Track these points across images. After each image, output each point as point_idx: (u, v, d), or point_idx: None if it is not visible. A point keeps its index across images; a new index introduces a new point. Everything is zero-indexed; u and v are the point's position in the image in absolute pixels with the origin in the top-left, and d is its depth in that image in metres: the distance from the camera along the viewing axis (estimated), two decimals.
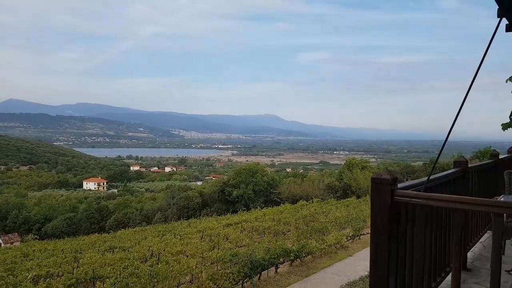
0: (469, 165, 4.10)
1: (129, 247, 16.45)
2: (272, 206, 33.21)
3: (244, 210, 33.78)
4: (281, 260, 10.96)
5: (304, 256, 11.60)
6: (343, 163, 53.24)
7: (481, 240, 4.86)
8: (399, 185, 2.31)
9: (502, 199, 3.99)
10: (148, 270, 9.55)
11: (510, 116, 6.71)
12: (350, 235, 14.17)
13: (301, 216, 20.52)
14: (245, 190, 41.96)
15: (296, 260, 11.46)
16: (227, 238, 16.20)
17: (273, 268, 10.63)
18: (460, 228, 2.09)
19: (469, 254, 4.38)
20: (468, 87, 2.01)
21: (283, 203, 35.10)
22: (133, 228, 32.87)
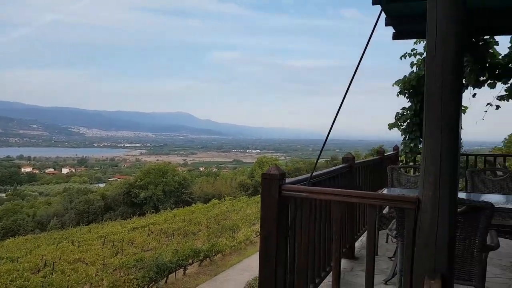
0: (356, 161, 4.49)
1: (18, 257, 14.68)
2: (184, 207, 32.65)
3: (152, 212, 32.56)
4: (190, 261, 10.86)
5: (214, 255, 11.64)
6: (255, 161, 54.82)
7: None
8: (289, 180, 2.42)
9: (385, 192, 4.46)
10: (40, 282, 8.66)
11: (395, 117, 7.57)
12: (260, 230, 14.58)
13: (213, 215, 20.54)
14: (154, 191, 40.52)
15: (206, 260, 11.45)
16: (132, 243, 15.48)
17: (182, 270, 10.48)
18: (339, 219, 2.25)
19: (357, 244, 4.79)
20: (346, 88, 2.19)
21: (195, 203, 34.76)
22: (24, 236, 29.50)
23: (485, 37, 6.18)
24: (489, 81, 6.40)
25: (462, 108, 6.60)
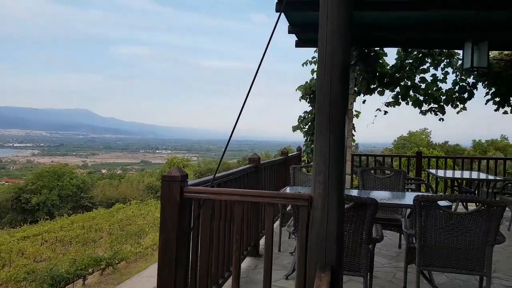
0: (262, 162, 4.64)
1: None
2: (83, 213, 30.15)
3: (46, 219, 29.45)
4: (90, 270, 10.10)
5: (118, 263, 10.99)
6: (165, 162, 53.18)
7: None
8: (192, 182, 2.38)
9: (287, 190, 4.68)
10: None
11: (298, 120, 8.01)
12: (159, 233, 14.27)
13: (116, 220, 19.36)
14: (48, 196, 36.69)
15: (108, 268, 10.75)
16: (22, 254, 13.83)
17: (81, 280, 9.70)
18: (239, 219, 2.29)
19: (262, 241, 4.94)
20: (248, 89, 2.24)
21: (96, 208, 32.34)
22: None
23: (376, 48, 6.89)
24: (378, 89, 7.15)
25: (355, 112, 7.29)
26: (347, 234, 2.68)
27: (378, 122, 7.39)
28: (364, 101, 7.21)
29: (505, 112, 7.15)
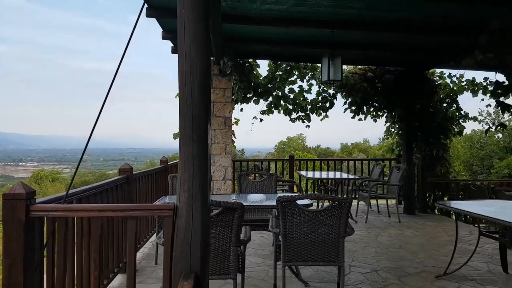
0: (135, 172, 4.45)
1: None
2: None
3: None
4: None
5: None
6: (29, 176, 46.85)
7: (150, 240, 5.38)
8: (42, 199, 2.15)
9: (166, 200, 4.57)
10: None
11: (178, 127, 7.93)
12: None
13: None
14: None
15: None
16: None
17: None
18: (97, 236, 2.16)
19: (138, 255, 4.74)
20: (106, 93, 2.13)
21: None
22: None
23: (250, 60, 7.27)
24: (254, 98, 7.55)
25: (235, 120, 7.57)
26: (216, 239, 2.75)
27: (264, 128, 7.82)
28: (241, 109, 7.53)
29: (360, 119, 8.26)
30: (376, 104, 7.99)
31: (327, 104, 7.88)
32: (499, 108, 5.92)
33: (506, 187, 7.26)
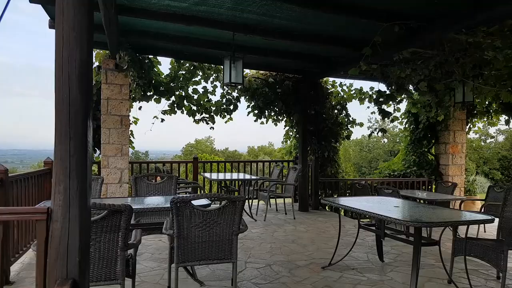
0: (12, 174, 3.96)
1: None
2: None
3: None
4: None
5: None
6: None
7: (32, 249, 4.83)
8: None
9: (48, 203, 4.15)
10: None
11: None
12: None
13: None
14: None
15: None
16: None
17: None
18: None
19: (17, 266, 4.24)
20: None
21: None
22: None
23: (150, 56, 7.01)
24: (155, 97, 7.29)
25: (134, 119, 7.23)
26: (101, 243, 2.58)
27: (171, 129, 7.59)
28: (140, 108, 7.23)
29: (262, 123, 8.57)
30: (277, 109, 8.39)
31: (231, 107, 8.00)
32: (381, 114, 6.70)
33: (386, 185, 8.25)
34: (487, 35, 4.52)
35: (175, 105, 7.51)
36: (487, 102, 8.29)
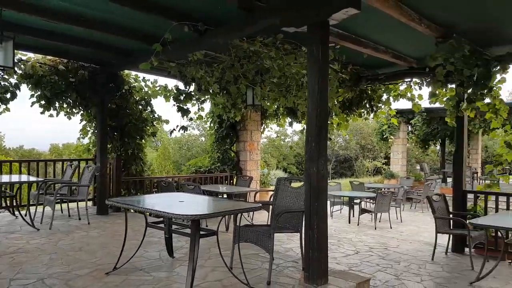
0: None
1: None
2: None
3: None
4: None
5: None
6: None
7: None
8: None
9: None
10: None
11: None
12: None
13: None
14: None
15: None
16: None
17: None
18: None
19: None
20: None
21: None
22: None
23: None
24: None
25: None
26: None
27: None
28: None
29: (51, 115, 7.50)
30: (70, 100, 7.49)
31: (8, 95, 6.68)
32: (180, 112, 6.76)
33: (190, 182, 8.46)
34: (264, 45, 5.11)
35: None
36: (275, 106, 9.52)
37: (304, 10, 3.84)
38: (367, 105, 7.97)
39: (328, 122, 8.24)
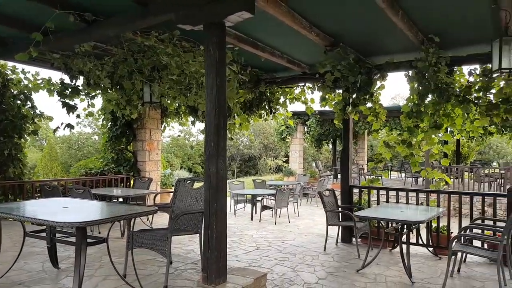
0: None
1: None
2: None
3: None
4: None
5: None
6: None
7: None
8: None
9: None
10: None
11: None
12: None
13: None
14: None
15: None
16: None
17: None
18: None
19: None
20: None
21: None
22: None
23: None
24: None
25: None
26: None
27: None
28: None
29: None
30: None
31: None
32: (65, 108, 6.13)
33: (79, 186, 7.72)
34: (160, 41, 4.90)
35: None
36: (176, 104, 9.26)
37: (199, 9, 3.78)
38: (267, 107, 8.25)
39: (230, 122, 8.43)
